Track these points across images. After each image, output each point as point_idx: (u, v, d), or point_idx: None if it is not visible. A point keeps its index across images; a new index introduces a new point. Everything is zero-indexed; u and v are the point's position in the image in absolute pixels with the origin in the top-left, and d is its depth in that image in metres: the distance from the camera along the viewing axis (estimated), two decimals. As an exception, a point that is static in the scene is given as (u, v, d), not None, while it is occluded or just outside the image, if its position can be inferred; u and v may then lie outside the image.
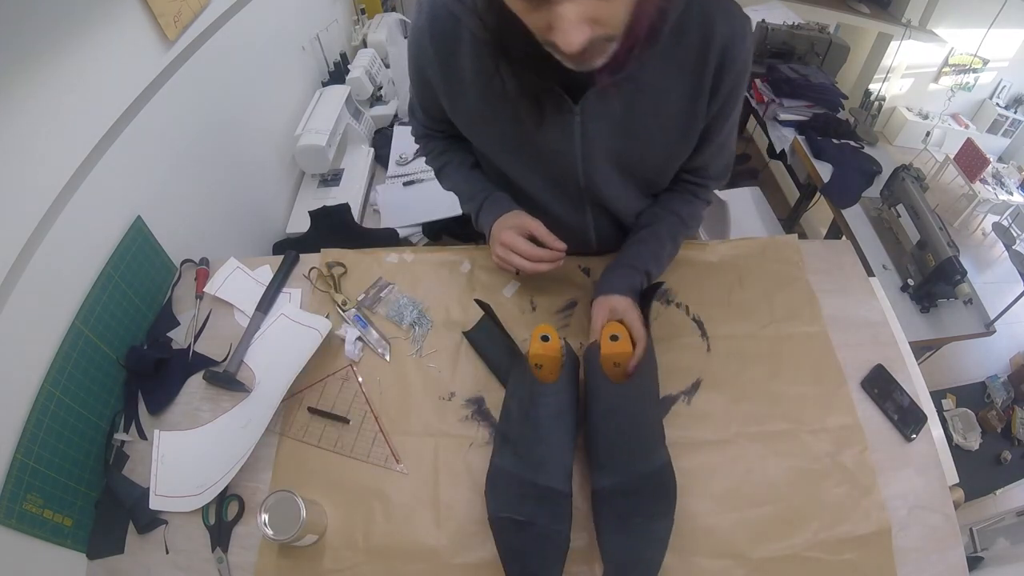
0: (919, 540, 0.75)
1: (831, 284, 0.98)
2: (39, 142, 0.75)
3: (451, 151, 0.92)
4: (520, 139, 0.76)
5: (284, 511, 0.68)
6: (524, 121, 0.72)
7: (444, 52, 0.71)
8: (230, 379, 0.86)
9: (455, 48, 0.70)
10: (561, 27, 0.51)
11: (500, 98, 0.71)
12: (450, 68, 0.72)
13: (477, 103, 0.74)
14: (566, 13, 0.50)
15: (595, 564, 0.71)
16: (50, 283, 0.77)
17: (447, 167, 0.92)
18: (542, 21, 0.52)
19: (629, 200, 0.88)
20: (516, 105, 0.70)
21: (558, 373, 0.76)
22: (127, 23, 0.92)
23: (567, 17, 0.50)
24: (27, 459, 0.70)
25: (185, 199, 1.12)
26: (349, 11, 2.15)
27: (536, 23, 0.53)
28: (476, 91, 0.73)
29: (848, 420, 0.83)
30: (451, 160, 0.92)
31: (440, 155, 0.93)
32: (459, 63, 0.71)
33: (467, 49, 0.70)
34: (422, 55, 0.74)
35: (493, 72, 0.68)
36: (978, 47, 2.86)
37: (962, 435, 2.00)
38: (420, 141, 0.96)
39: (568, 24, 0.50)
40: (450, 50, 0.71)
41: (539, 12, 0.52)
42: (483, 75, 0.70)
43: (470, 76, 0.72)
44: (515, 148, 0.80)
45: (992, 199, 2.50)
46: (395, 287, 0.97)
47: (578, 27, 0.50)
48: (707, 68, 0.69)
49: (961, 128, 3.05)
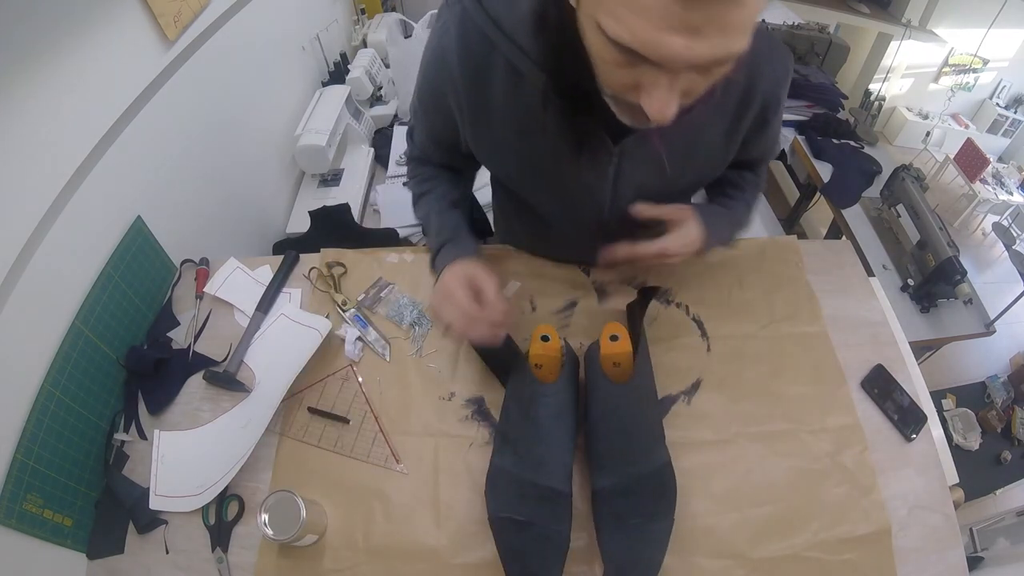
0: (919, 540, 0.75)
1: (831, 284, 0.98)
2: (39, 142, 0.75)
3: (437, 180, 0.85)
4: (548, 171, 0.72)
5: (284, 511, 0.68)
6: (557, 157, 0.68)
7: (473, 76, 0.64)
8: (230, 379, 0.86)
9: (486, 74, 0.64)
10: (656, 95, 0.47)
11: (535, 132, 0.66)
12: (479, 94, 0.66)
13: (505, 132, 0.69)
14: (668, 84, 0.46)
15: (595, 564, 0.71)
16: (50, 283, 0.77)
17: (427, 196, 0.84)
18: (631, 79, 0.48)
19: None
20: (553, 141, 0.66)
21: (558, 373, 0.76)
22: (127, 23, 0.92)
23: (668, 87, 0.46)
24: (27, 459, 0.70)
25: (185, 199, 1.12)
26: (349, 11, 2.15)
27: (623, 79, 0.48)
28: (506, 121, 0.67)
29: (848, 420, 0.83)
30: (433, 190, 0.84)
31: (424, 181, 0.85)
32: (489, 90, 0.65)
33: (500, 76, 0.63)
34: (444, 78, 0.66)
35: (532, 105, 0.63)
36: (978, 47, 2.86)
37: (962, 435, 2.00)
38: (410, 163, 0.89)
39: (666, 94, 0.46)
40: (480, 75, 0.64)
41: (633, 71, 0.47)
42: (517, 106, 0.65)
43: (500, 104, 0.66)
44: (539, 178, 0.75)
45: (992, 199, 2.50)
46: (395, 287, 0.97)
47: (674, 98, 0.47)
48: (749, 111, 0.68)
49: (961, 128, 3.05)
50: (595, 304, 0.94)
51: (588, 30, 0.47)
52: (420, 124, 0.79)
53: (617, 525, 0.68)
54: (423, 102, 0.74)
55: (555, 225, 0.84)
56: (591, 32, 0.47)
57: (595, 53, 0.49)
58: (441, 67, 0.66)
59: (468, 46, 0.62)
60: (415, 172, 0.87)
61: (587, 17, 0.46)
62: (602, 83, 0.52)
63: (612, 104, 0.54)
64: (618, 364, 0.77)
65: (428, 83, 0.70)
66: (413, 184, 0.87)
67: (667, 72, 0.45)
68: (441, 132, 0.75)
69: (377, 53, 2.00)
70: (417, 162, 0.87)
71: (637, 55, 0.44)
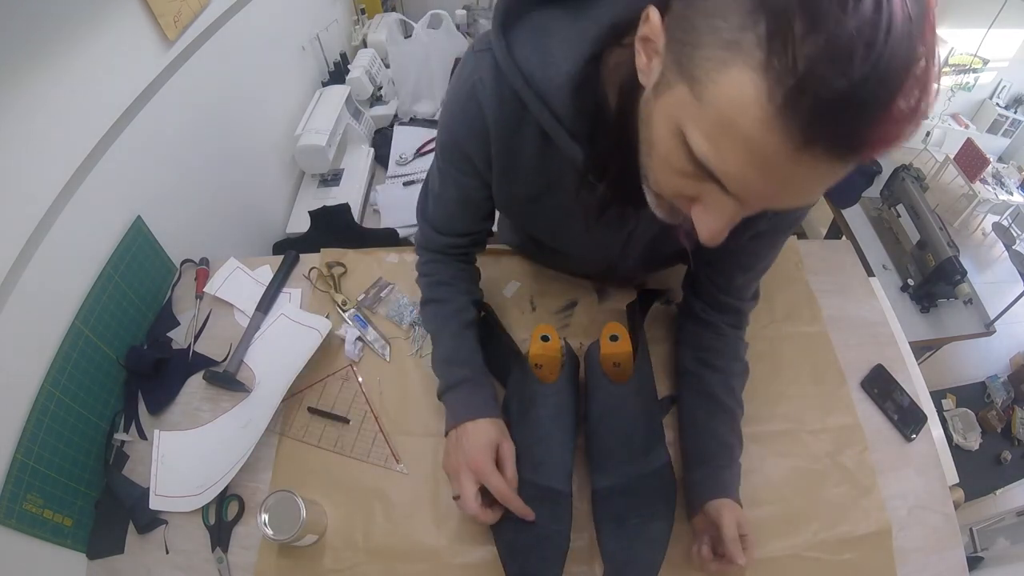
0: (919, 540, 0.75)
1: (831, 284, 0.98)
2: (39, 142, 0.75)
3: (453, 287, 0.78)
4: (565, 226, 0.69)
5: (284, 511, 0.68)
6: (577, 216, 0.63)
7: (506, 133, 0.58)
8: (230, 379, 0.86)
9: (518, 131, 0.58)
10: (714, 218, 0.42)
11: (559, 191, 0.62)
12: (508, 151, 0.60)
13: (529, 189, 0.64)
14: (732, 212, 0.41)
15: (595, 564, 0.71)
16: (50, 283, 0.77)
17: (440, 306, 0.77)
18: (691, 191, 0.42)
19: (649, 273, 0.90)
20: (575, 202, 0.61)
21: (558, 373, 0.76)
22: (127, 23, 0.92)
23: (730, 216, 0.41)
24: (27, 459, 0.70)
25: (185, 199, 1.12)
26: (349, 11, 2.15)
27: (682, 189, 0.43)
28: (530, 179, 0.63)
29: (848, 420, 0.83)
30: (448, 300, 0.77)
31: (438, 286, 0.78)
32: (519, 148, 0.60)
33: (530, 135, 0.58)
34: (477, 129, 0.59)
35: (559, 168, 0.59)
36: (978, 47, 2.85)
37: (962, 435, 2.00)
38: (422, 255, 0.80)
39: (725, 221, 0.42)
40: (513, 132, 0.58)
41: (698, 185, 0.41)
42: (544, 167, 0.60)
43: (528, 163, 0.61)
44: (556, 230, 0.72)
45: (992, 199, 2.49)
46: (395, 287, 0.97)
47: (731, 225, 0.42)
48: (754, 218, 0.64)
49: (961, 128, 3.05)
50: (595, 304, 0.94)
51: (662, 129, 0.41)
52: (447, 186, 0.69)
53: (617, 525, 0.68)
54: (451, 156, 0.65)
55: (564, 259, 0.85)
56: (666, 134, 0.40)
57: (661, 154, 0.42)
58: (474, 119, 0.58)
59: (502, 101, 0.56)
60: (428, 269, 0.79)
61: (666, 117, 0.40)
62: (652, 180, 0.46)
63: (652, 197, 0.48)
64: (618, 364, 0.77)
65: (457, 136, 0.62)
66: (424, 283, 0.79)
67: (733, 201, 0.40)
68: (470, 188, 0.68)
69: (377, 53, 2.00)
70: (431, 255, 0.79)
71: (714, 179, 0.38)
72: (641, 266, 0.79)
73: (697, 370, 0.78)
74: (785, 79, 0.31)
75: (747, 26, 0.32)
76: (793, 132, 0.32)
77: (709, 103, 0.35)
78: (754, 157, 0.35)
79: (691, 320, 0.80)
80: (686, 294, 0.83)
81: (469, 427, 0.68)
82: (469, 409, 0.70)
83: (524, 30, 0.54)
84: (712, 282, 0.76)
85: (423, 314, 0.80)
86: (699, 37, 0.35)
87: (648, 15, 0.40)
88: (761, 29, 0.31)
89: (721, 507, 0.66)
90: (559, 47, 0.52)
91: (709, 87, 0.35)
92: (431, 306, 0.79)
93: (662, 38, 0.39)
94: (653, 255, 0.74)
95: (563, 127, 0.53)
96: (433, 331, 0.79)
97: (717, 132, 0.36)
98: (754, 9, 0.31)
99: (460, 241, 0.77)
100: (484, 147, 0.61)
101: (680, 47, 0.37)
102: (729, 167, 0.37)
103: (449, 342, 0.76)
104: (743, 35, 0.32)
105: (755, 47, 0.32)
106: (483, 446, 0.67)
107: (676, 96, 0.38)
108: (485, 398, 0.72)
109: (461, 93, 0.58)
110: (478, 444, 0.67)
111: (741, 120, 0.33)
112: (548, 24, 0.53)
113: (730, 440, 0.73)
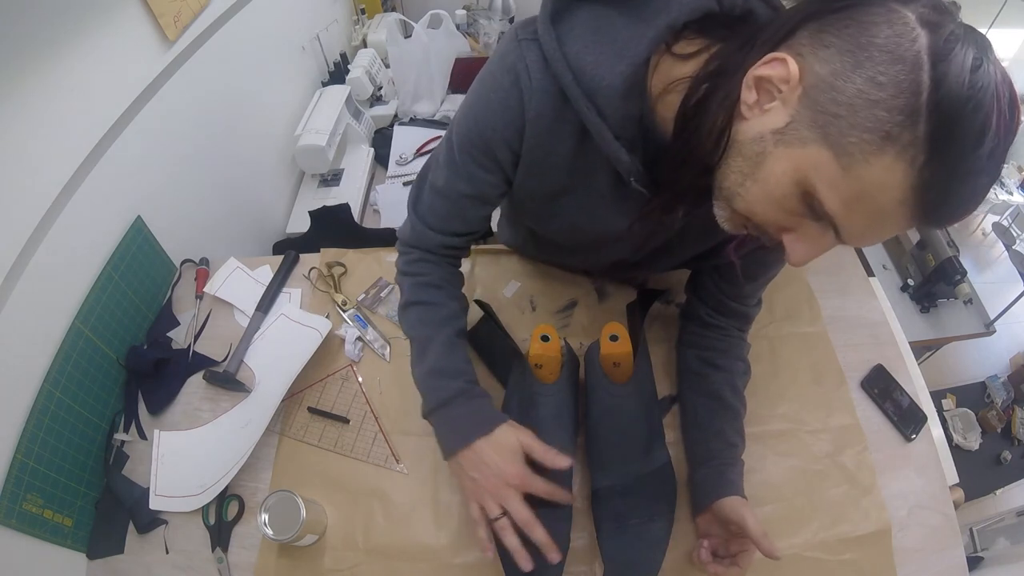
0: (919, 540, 0.75)
1: (831, 284, 0.98)
2: (39, 142, 0.75)
3: (443, 290, 0.72)
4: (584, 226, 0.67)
5: (284, 511, 0.68)
6: (601, 219, 0.63)
7: (544, 128, 0.56)
8: (230, 379, 0.86)
9: (556, 127, 0.56)
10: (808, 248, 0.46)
11: (586, 192, 0.61)
12: (542, 147, 0.58)
13: (554, 187, 0.62)
14: (826, 245, 0.46)
15: (595, 564, 0.71)
16: (50, 283, 0.77)
17: (427, 309, 0.70)
18: (788, 222, 0.46)
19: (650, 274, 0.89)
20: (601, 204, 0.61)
21: (558, 373, 0.76)
22: (127, 23, 0.92)
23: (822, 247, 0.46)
24: (27, 459, 0.70)
25: (185, 199, 1.12)
26: (349, 11, 2.15)
27: (780, 219, 0.46)
28: (559, 176, 0.60)
29: (848, 420, 0.83)
30: (438, 304, 0.71)
31: (426, 287, 0.71)
32: (555, 145, 0.57)
33: (568, 131, 0.56)
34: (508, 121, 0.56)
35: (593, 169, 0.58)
36: (978, 47, 2.85)
37: (962, 435, 2.00)
38: (411, 252, 0.73)
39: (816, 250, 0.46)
40: (551, 128, 0.56)
41: (798, 220, 0.45)
42: (576, 166, 0.59)
43: (560, 160, 0.58)
44: (573, 228, 0.68)
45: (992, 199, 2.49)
46: (395, 287, 0.97)
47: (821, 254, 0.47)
48: None
49: (961, 128, 3.05)
50: (595, 304, 0.94)
51: (784, 175, 0.43)
52: (457, 179, 0.64)
53: (617, 525, 0.68)
54: (471, 148, 0.61)
55: (571, 256, 0.84)
56: (787, 180, 0.43)
57: (771, 193, 0.44)
58: (511, 108, 0.56)
59: (545, 94, 0.54)
60: (416, 268, 0.72)
61: (794, 167, 0.42)
62: (745, 207, 0.47)
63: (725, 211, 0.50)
64: (618, 364, 0.77)
65: (486, 125, 0.58)
66: (409, 284, 0.72)
67: (833, 238, 0.44)
68: (484, 184, 0.64)
69: (377, 53, 2.00)
70: (421, 253, 0.72)
71: (828, 223, 0.43)
72: (646, 265, 0.79)
73: (701, 370, 0.78)
74: (927, 179, 0.38)
75: (907, 125, 0.37)
76: (917, 215, 0.40)
77: (856, 177, 0.39)
78: (878, 221, 0.41)
79: (695, 322, 0.80)
80: (690, 298, 0.83)
81: (483, 444, 0.63)
82: (477, 424, 0.64)
83: (576, 25, 0.52)
84: (719, 289, 0.76)
85: (404, 318, 0.72)
86: (856, 117, 0.38)
87: (786, 62, 0.42)
88: (920, 130, 0.37)
89: (736, 504, 0.65)
90: (612, 47, 0.51)
91: (860, 164, 0.39)
92: (417, 309, 0.71)
93: (797, 91, 0.42)
94: (662, 257, 0.74)
95: (608, 127, 0.52)
96: (420, 337, 0.70)
97: (854, 199, 0.41)
98: (915, 112, 0.37)
99: (455, 241, 0.71)
100: (516, 139, 0.58)
101: (826, 117, 0.40)
102: (854, 226, 0.42)
103: (441, 351, 0.68)
104: (902, 132, 0.37)
105: (910, 145, 0.37)
106: (513, 455, 0.62)
107: (813, 156, 0.41)
108: (487, 407, 0.67)
109: (502, 81, 0.55)
110: (507, 455, 0.62)
111: (881, 197, 0.39)
112: (601, 23, 0.52)
113: (735, 439, 0.74)
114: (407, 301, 0.72)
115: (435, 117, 1.89)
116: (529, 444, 0.63)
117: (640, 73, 0.51)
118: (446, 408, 0.66)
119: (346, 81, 1.87)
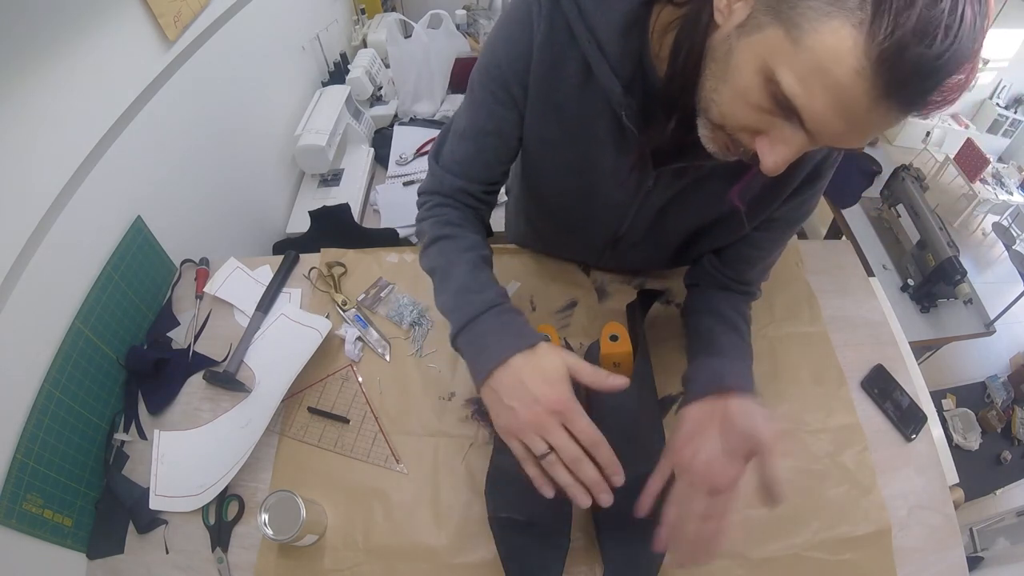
0: (919, 540, 0.75)
1: (831, 284, 0.98)
2: (39, 142, 0.75)
3: (464, 227, 0.69)
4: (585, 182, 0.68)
5: (284, 511, 0.68)
6: (600, 171, 0.64)
7: (550, 64, 0.59)
8: (230, 379, 0.86)
9: (561, 65, 0.58)
10: (780, 150, 0.45)
11: (587, 139, 0.63)
12: (549, 84, 0.60)
13: (559, 132, 0.64)
14: (798, 145, 0.44)
15: (595, 564, 0.71)
16: (50, 283, 0.77)
17: (451, 241, 0.67)
18: (761, 124, 0.45)
19: (649, 260, 0.86)
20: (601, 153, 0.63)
21: (558, 373, 0.76)
22: (127, 23, 0.92)
23: (795, 148, 0.45)
24: (27, 459, 0.70)
25: (185, 199, 1.12)
26: (349, 11, 2.15)
27: (752, 121, 0.45)
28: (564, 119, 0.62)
29: (848, 420, 0.83)
30: (460, 236, 0.68)
31: (446, 224, 0.69)
32: (560, 83, 0.59)
33: (572, 70, 0.58)
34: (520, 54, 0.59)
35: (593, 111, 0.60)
36: (978, 47, 2.86)
37: (962, 435, 2.00)
38: (431, 199, 0.72)
39: (791, 153, 0.45)
40: (556, 65, 0.58)
41: (768, 119, 0.44)
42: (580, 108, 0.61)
43: (564, 101, 0.61)
44: (574, 185, 0.70)
45: (992, 199, 2.49)
46: (395, 287, 0.97)
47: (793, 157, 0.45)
48: (792, 179, 0.65)
49: (961, 128, 3.05)
50: (595, 304, 0.94)
51: (746, 66, 0.43)
52: (478, 116, 0.66)
53: (617, 525, 0.68)
54: (489, 81, 0.63)
55: (569, 231, 0.83)
56: (750, 70, 0.43)
57: (738, 88, 0.45)
58: (519, 40, 0.58)
59: (553, 28, 0.56)
60: (436, 212, 0.70)
61: (753, 55, 0.43)
62: (718, 112, 0.48)
63: (707, 129, 0.50)
64: (618, 364, 0.77)
65: (500, 56, 0.61)
66: (430, 223, 0.69)
67: (804, 135, 0.43)
68: (502, 120, 0.65)
69: (377, 53, 2.00)
70: (440, 198, 0.71)
71: (793, 113, 0.42)
72: (644, 243, 0.78)
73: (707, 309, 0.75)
74: (880, 40, 0.36)
75: None
76: (878, 85, 0.37)
77: (807, 48, 0.39)
78: (839, 100, 0.39)
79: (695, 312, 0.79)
80: (690, 291, 0.82)
81: (521, 362, 0.55)
82: (514, 339, 0.57)
83: None
84: (721, 273, 0.77)
85: (427, 256, 0.68)
86: None
87: None
88: None
89: (746, 403, 0.58)
90: None
91: (809, 34, 0.39)
92: (438, 244, 0.67)
93: None
94: (658, 230, 0.74)
95: (607, 62, 0.55)
96: (441, 266, 0.65)
97: (810, 75, 0.40)
98: None
99: (473, 188, 0.70)
100: (524, 70, 0.60)
101: None
102: (815, 107, 0.41)
103: (466, 270, 0.63)
104: None
105: (858, 8, 0.36)
106: (560, 376, 0.55)
107: (768, 38, 0.41)
108: (523, 323, 0.60)
109: (516, 12, 0.59)
110: (552, 375, 0.55)
111: (835, 67, 0.38)
112: None
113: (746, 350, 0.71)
114: (428, 240, 0.69)
115: (435, 117, 1.89)
116: (576, 366, 0.56)
117: (640, 13, 0.54)
118: (475, 323, 0.59)
119: (346, 81, 1.87)
